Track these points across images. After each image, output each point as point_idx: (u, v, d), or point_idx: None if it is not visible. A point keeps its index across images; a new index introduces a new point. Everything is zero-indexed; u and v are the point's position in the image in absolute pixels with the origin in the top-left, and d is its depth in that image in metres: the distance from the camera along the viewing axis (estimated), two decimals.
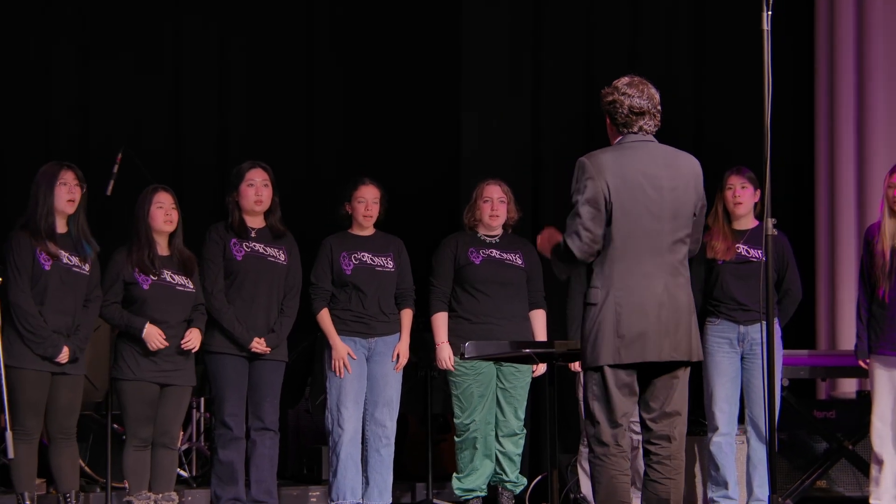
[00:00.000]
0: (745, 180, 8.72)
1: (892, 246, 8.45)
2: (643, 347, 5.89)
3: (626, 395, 5.94)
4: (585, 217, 5.90)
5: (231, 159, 9.22)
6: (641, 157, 6.01)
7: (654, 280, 5.94)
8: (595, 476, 5.99)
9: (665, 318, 5.92)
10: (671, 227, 5.99)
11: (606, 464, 5.94)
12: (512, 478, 8.71)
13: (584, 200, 5.92)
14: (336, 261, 8.52)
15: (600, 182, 5.90)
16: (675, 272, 6.00)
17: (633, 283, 5.91)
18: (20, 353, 7.67)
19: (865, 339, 8.55)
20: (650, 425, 6.03)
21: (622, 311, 5.88)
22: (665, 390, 6.01)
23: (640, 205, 5.95)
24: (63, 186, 7.83)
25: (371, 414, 8.54)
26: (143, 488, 7.95)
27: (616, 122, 6.09)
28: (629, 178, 5.95)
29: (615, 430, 5.94)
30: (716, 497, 8.74)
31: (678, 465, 6.03)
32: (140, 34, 10.57)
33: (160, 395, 8.00)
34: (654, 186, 5.97)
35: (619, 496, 5.92)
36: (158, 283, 7.99)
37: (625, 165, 5.97)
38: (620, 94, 6.06)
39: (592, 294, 5.94)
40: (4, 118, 10.17)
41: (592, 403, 5.95)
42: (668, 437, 6.01)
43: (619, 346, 5.88)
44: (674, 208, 6.01)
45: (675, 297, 5.96)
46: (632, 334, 5.88)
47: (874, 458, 8.58)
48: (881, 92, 10.41)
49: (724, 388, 8.69)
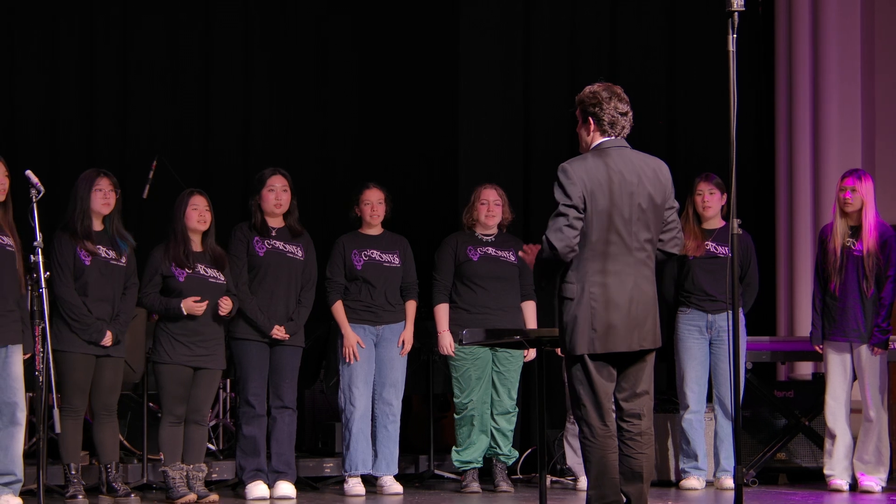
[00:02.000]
0: (713, 186, 8.77)
1: (842, 244, 8.48)
2: (616, 339, 5.85)
3: (606, 380, 5.90)
4: (570, 217, 5.83)
5: (254, 167, 9.22)
6: (617, 162, 5.93)
7: (625, 277, 5.88)
8: (586, 456, 5.92)
9: (635, 312, 5.88)
10: (642, 229, 5.93)
11: (596, 444, 5.88)
12: (505, 451, 8.72)
13: (566, 203, 5.86)
14: (348, 257, 8.53)
15: (580, 187, 5.84)
16: (644, 268, 5.95)
17: (607, 280, 5.85)
18: (68, 339, 7.72)
19: (820, 326, 8.56)
20: (622, 405, 5.98)
21: (597, 305, 5.83)
22: (635, 373, 5.97)
23: (614, 208, 5.88)
24: (99, 192, 7.85)
25: (379, 394, 8.55)
26: (177, 460, 7.94)
27: (601, 123, 5.99)
28: (606, 183, 5.88)
29: (600, 412, 5.88)
30: (687, 468, 8.77)
31: (649, 440, 5.98)
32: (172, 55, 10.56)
33: (193, 377, 8.01)
34: (628, 191, 5.90)
35: (609, 472, 5.87)
36: (193, 275, 8.00)
37: (602, 171, 5.90)
38: (604, 96, 5.99)
39: (569, 289, 5.88)
40: (55, 129, 10.19)
41: (578, 388, 5.90)
42: (639, 414, 5.97)
43: (593, 338, 5.83)
44: (645, 211, 5.94)
45: (643, 291, 5.92)
46: (605, 327, 5.83)
47: (828, 432, 8.60)
48: (835, 107, 10.38)
49: (695, 370, 8.74)
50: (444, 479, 9.19)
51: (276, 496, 8.13)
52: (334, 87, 10.92)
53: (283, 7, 10.84)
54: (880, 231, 8.42)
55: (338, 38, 10.92)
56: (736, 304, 5.66)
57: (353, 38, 10.91)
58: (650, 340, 5.94)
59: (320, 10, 10.90)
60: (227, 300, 7.97)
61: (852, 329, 8.44)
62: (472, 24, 10.41)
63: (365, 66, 10.87)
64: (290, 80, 10.82)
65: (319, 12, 10.90)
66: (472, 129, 10.37)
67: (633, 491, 5.92)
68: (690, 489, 8.63)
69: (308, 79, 10.85)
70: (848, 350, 8.49)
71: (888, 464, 8.60)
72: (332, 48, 10.91)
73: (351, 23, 10.91)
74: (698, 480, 8.70)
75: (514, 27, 10.45)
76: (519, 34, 10.48)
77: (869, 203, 8.43)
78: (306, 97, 10.84)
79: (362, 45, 10.88)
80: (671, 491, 8.58)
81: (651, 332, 5.95)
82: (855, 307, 8.42)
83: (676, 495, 8.40)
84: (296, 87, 10.85)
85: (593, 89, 6.05)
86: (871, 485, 8.45)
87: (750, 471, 8.92)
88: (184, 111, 10.62)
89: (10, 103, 10.14)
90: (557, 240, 5.81)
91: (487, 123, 10.34)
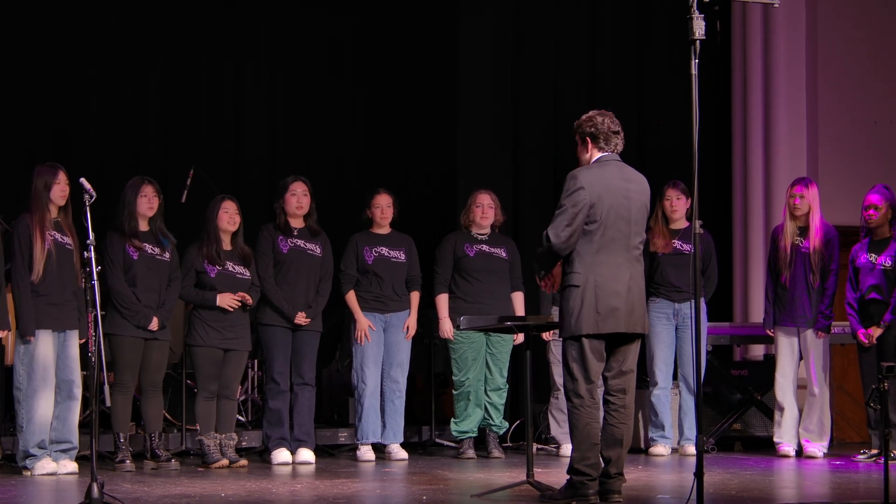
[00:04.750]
0: (679, 191, 8.79)
1: (792, 243, 8.50)
2: (616, 321, 5.91)
3: (597, 360, 5.95)
4: (570, 217, 5.89)
5: (278, 174, 9.22)
6: (616, 173, 6.03)
7: (623, 270, 5.95)
8: (573, 422, 5.98)
9: (630, 300, 5.95)
10: (636, 230, 6.03)
11: (582, 413, 5.94)
12: (497, 422, 8.72)
13: (571, 205, 5.91)
14: (360, 253, 8.53)
15: (587, 193, 5.91)
16: (638, 264, 6.04)
17: (608, 271, 5.91)
18: (120, 324, 7.74)
19: (771, 314, 8.59)
20: (610, 381, 6.03)
21: (600, 292, 5.88)
22: (623, 354, 6.02)
23: (615, 211, 5.96)
24: (144, 197, 7.86)
25: (387, 372, 8.54)
26: (211, 430, 7.96)
27: (598, 140, 6.05)
28: (609, 190, 5.96)
29: (589, 386, 5.94)
30: (655, 437, 8.80)
31: (630, 413, 6.03)
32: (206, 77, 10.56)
33: (224, 358, 8.02)
34: (626, 197, 6.00)
35: (592, 438, 5.93)
36: (223, 272, 8.01)
37: (606, 180, 5.98)
38: (598, 119, 6.08)
39: (575, 278, 5.92)
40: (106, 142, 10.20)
41: (572, 365, 5.94)
42: (624, 389, 6.02)
43: (597, 320, 5.88)
44: (637, 214, 6.04)
45: (637, 283, 6.00)
46: (607, 310, 5.89)
47: (777, 405, 8.63)
48: (783, 122, 10.37)
49: (662, 352, 8.76)
50: (443, 446, 9.19)
51: (297, 461, 8.12)
52: (347, 104, 10.90)
53: (302, 32, 10.82)
54: (825, 231, 8.45)
55: (351, 62, 10.90)
56: (698, 294, 5.68)
57: (365, 63, 10.87)
58: (640, 326, 6.03)
59: (336, 34, 10.88)
60: (248, 298, 7.99)
61: (800, 316, 8.46)
62: (468, 52, 10.40)
63: (375, 86, 10.84)
64: (308, 99, 10.80)
65: (335, 36, 10.88)
66: (469, 141, 10.35)
67: (612, 455, 5.98)
68: (658, 455, 8.65)
69: (324, 97, 10.82)
70: (796, 334, 8.51)
71: (829, 433, 8.65)
72: (345, 71, 10.89)
73: (363, 49, 10.87)
74: (665, 447, 8.72)
75: (504, 56, 10.44)
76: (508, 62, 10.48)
77: (815, 207, 8.46)
78: (323, 114, 10.81)
79: (373, 71, 10.85)
80: (641, 457, 8.59)
81: (641, 319, 6.04)
82: (802, 297, 8.44)
83: (646, 460, 8.42)
84: (314, 104, 10.82)
85: (588, 114, 6.15)
86: (815, 451, 8.49)
87: (710, 439, 8.95)
88: (216, 127, 10.59)
89: (67, 120, 10.15)
90: (555, 236, 5.90)
91: (482, 137, 10.33)
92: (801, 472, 7.83)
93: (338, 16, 10.82)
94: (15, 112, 9.99)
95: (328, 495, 6.50)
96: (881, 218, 8.30)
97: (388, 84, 10.82)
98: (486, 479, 7.19)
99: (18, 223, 7.45)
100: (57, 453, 7.48)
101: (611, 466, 5.95)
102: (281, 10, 10.72)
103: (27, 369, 7.38)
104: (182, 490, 6.65)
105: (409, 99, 10.74)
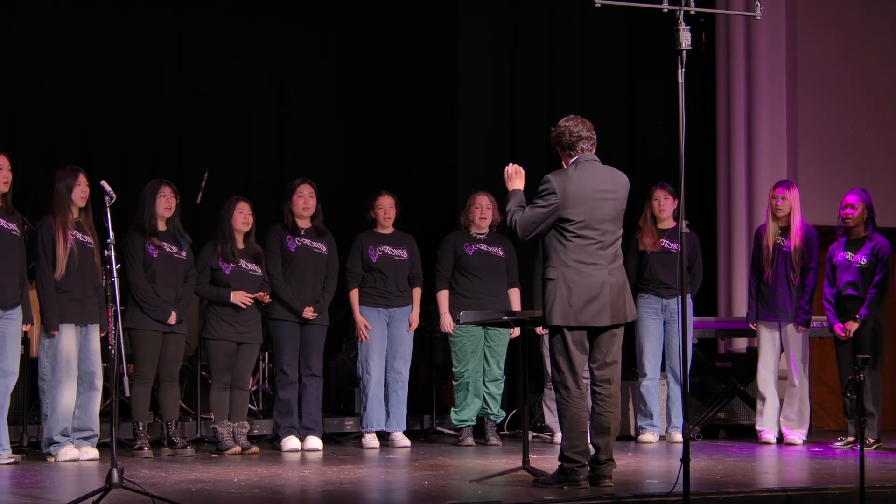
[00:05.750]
0: (667, 193, 8.80)
1: (774, 242, 8.51)
2: (588, 314, 5.93)
3: (580, 351, 5.98)
4: (540, 218, 5.96)
5: (286, 177, 9.23)
6: (592, 174, 6.03)
7: (600, 268, 5.97)
8: (561, 412, 6.02)
9: (608, 295, 5.96)
10: (611, 228, 6.03)
11: (570, 403, 5.97)
12: (494, 411, 8.73)
13: (542, 204, 5.97)
14: (365, 252, 8.53)
15: (558, 197, 5.94)
16: (615, 259, 6.04)
17: (582, 267, 5.94)
18: (140, 318, 7.75)
19: (754, 308, 8.60)
20: (595, 372, 6.05)
21: (572, 287, 5.92)
22: (607, 345, 6.03)
23: (588, 212, 5.97)
24: (162, 198, 7.88)
25: (391, 364, 8.55)
26: (224, 418, 7.96)
27: (563, 147, 6.09)
28: (585, 190, 5.97)
29: (574, 377, 5.96)
30: (644, 425, 8.80)
31: (616, 402, 6.05)
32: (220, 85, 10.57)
33: (237, 351, 8.02)
34: (602, 197, 6.00)
35: (580, 427, 5.97)
36: (237, 269, 8.02)
37: (582, 180, 5.99)
38: (563, 127, 6.11)
39: (550, 272, 5.98)
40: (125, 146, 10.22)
41: (558, 358, 5.98)
42: (609, 380, 6.03)
43: (568, 312, 5.91)
44: (614, 213, 6.05)
45: (615, 277, 6.01)
46: (579, 304, 5.91)
47: (759, 395, 8.64)
48: (765, 128, 10.36)
49: (651, 345, 8.77)
50: (444, 434, 9.19)
51: (306, 448, 8.13)
52: (352, 112, 10.90)
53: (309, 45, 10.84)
54: (805, 231, 8.46)
55: (354, 73, 10.91)
56: (685, 290, 5.69)
57: (368, 74, 10.88)
58: (621, 317, 6.03)
59: (342, 49, 10.89)
60: (266, 297, 8.01)
61: (781, 311, 8.47)
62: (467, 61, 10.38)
63: (378, 97, 10.84)
64: (315, 107, 10.81)
65: (342, 51, 10.89)
66: (467, 147, 10.33)
67: (601, 442, 5.99)
68: (647, 442, 8.65)
69: (330, 106, 10.84)
70: (777, 328, 8.53)
71: (808, 421, 8.66)
72: (350, 81, 10.90)
73: (366, 61, 10.88)
74: (653, 435, 8.73)
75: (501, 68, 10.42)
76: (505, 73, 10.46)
77: (796, 208, 8.47)
78: (328, 121, 10.83)
79: (377, 81, 10.86)
80: (631, 444, 8.60)
81: (622, 310, 6.03)
82: (784, 293, 8.45)
83: (635, 447, 8.42)
84: (320, 113, 10.83)
85: (557, 126, 6.17)
86: (794, 438, 8.50)
87: (696, 427, 8.96)
88: (229, 132, 10.61)
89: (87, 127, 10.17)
90: (522, 232, 6.02)
91: (479, 142, 10.31)
92: (781, 459, 7.84)
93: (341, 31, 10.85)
94: (41, 118, 10.04)
95: (335, 480, 6.52)
96: (857, 218, 8.31)
97: (391, 92, 10.83)
98: (484, 465, 7.19)
99: (42, 224, 7.48)
100: (79, 440, 7.49)
101: (600, 453, 5.97)
102: (289, 26, 10.75)
103: (51, 361, 7.41)
104: (197, 475, 6.66)
105: (411, 106, 10.74)
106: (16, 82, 9.99)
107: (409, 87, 10.78)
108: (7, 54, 9.97)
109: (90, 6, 10.18)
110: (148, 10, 10.32)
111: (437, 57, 10.64)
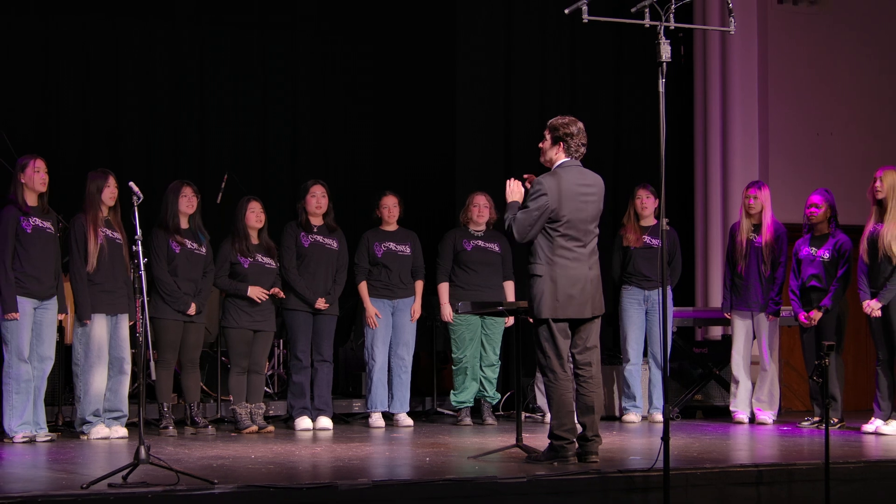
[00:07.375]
0: (649, 192, 8.80)
1: (747, 238, 8.51)
2: (573, 307, 5.96)
3: (564, 338, 6.00)
4: (533, 219, 5.95)
5: (299, 178, 9.23)
6: (577, 177, 6.04)
7: (581, 263, 5.99)
8: (549, 394, 6.05)
9: (587, 289, 5.99)
10: (591, 227, 6.07)
11: (557, 385, 5.99)
12: (490, 394, 8.74)
13: (535, 206, 5.96)
14: (371, 247, 8.53)
15: (549, 199, 5.95)
16: (593, 255, 6.08)
17: (566, 263, 5.96)
18: (163, 309, 7.77)
19: (729, 299, 8.60)
20: (577, 357, 6.08)
21: (558, 281, 5.94)
22: (585, 333, 6.06)
23: (576, 211, 5.98)
24: (184, 197, 7.88)
25: (395, 350, 8.55)
26: (242, 400, 7.98)
27: (569, 148, 6.05)
28: (571, 192, 5.98)
29: (560, 362, 5.99)
30: (627, 406, 8.80)
31: (598, 383, 6.07)
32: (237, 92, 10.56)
33: (253, 338, 8.03)
34: (582, 200, 6.03)
35: (567, 407, 5.99)
36: (254, 263, 8.03)
37: (568, 183, 6.00)
38: (573, 128, 6.04)
39: (538, 268, 5.99)
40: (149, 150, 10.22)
41: (544, 344, 6.00)
42: (590, 363, 6.06)
43: (556, 306, 5.94)
44: (594, 213, 6.07)
45: (594, 273, 6.05)
46: (564, 298, 5.94)
47: (733, 379, 8.64)
48: (738, 132, 10.32)
49: (634, 333, 8.77)
50: (444, 415, 9.19)
51: (317, 427, 8.13)
52: (358, 116, 10.89)
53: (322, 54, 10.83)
54: (775, 228, 8.47)
55: (360, 80, 10.90)
56: (665, 283, 5.69)
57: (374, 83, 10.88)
58: (598, 309, 6.07)
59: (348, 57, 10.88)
60: (281, 293, 8.01)
61: (753, 301, 8.48)
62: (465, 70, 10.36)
63: (381, 101, 10.83)
64: (325, 112, 10.79)
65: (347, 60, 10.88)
66: (466, 149, 10.31)
67: (587, 421, 6.01)
68: (630, 422, 8.65)
69: (338, 111, 10.82)
70: (749, 317, 8.53)
71: (778, 403, 8.66)
72: (356, 88, 10.89)
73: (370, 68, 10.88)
74: (636, 416, 8.74)
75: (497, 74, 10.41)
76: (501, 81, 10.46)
77: (767, 207, 8.47)
78: (338, 124, 10.81)
79: (379, 86, 10.85)
80: (615, 424, 8.60)
81: (599, 303, 6.07)
82: (755, 285, 8.46)
83: (619, 427, 8.41)
84: (330, 117, 10.81)
85: (565, 121, 6.10)
86: (765, 418, 8.51)
87: (675, 408, 8.95)
88: (246, 137, 10.59)
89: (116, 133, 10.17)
90: (519, 234, 5.97)
91: (477, 145, 10.29)
92: (753, 437, 7.83)
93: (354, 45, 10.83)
94: (74, 125, 10.05)
95: (344, 457, 6.53)
96: (821, 216, 8.32)
97: (395, 99, 10.82)
98: (480, 443, 7.19)
99: (74, 222, 7.50)
100: (109, 420, 7.51)
101: (587, 430, 5.99)
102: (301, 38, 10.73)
103: (84, 348, 7.42)
104: (217, 452, 6.67)
105: (413, 111, 10.73)
106: (52, 93, 10.00)
107: (410, 96, 10.78)
108: (43, 68, 9.98)
109: (117, 28, 10.18)
110: (171, 32, 10.33)
111: (436, 67, 10.62)
